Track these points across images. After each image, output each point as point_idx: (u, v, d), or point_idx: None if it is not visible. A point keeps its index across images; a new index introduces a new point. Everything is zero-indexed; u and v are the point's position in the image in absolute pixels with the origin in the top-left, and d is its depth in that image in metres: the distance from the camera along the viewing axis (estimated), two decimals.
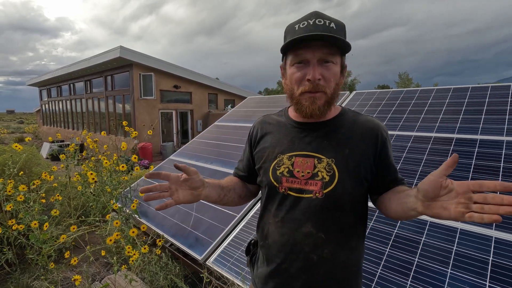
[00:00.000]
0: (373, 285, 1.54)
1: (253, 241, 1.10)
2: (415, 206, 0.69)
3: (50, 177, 2.76)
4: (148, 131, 3.14)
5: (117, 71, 11.26)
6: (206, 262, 2.11)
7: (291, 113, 0.97)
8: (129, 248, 2.18)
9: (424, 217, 1.80)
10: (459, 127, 2.42)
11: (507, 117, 2.33)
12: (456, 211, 0.60)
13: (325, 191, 0.83)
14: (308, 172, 0.85)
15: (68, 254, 2.23)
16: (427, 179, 0.65)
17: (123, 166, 3.14)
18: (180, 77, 12.00)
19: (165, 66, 11.22)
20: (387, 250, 1.69)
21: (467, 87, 2.90)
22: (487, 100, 2.61)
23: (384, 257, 1.66)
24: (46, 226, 2.19)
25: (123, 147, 3.14)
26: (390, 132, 2.69)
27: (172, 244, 2.53)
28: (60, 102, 16.81)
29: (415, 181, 2.06)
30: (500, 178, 1.85)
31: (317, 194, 0.83)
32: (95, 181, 2.66)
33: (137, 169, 3.52)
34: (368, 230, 1.85)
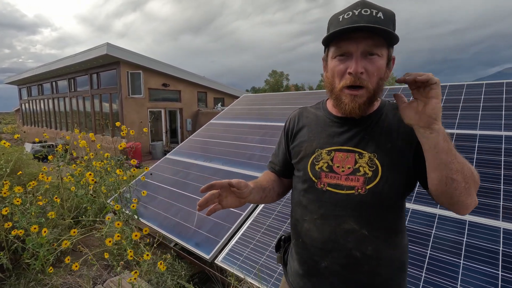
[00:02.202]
0: None
1: (283, 237, 1.08)
2: (423, 133, 0.71)
3: (48, 178, 2.63)
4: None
5: (104, 68, 10.94)
6: (215, 261, 2.08)
7: (330, 106, 0.94)
8: (131, 252, 2.11)
9: (433, 210, 1.84)
10: (458, 122, 2.49)
11: (503, 112, 2.41)
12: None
13: (368, 187, 0.80)
14: (349, 168, 0.83)
15: (68, 260, 2.14)
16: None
17: (120, 170, 3.05)
18: (169, 75, 11.81)
19: (153, 64, 11.00)
20: None
21: (463, 84, 2.99)
22: (482, 96, 2.69)
23: None
24: (45, 231, 2.09)
25: (120, 146, 3.05)
26: None
27: (176, 244, 2.48)
28: (42, 101, 16.17)
29: None
30: (502, 171, 1.92)
31: (359, 190, 0.81)
32: (95, 182, 2.56)
33: (134, 170, 3.42)
34: None
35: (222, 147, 3.65)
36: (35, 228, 2.04)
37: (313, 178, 0.87)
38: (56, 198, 2.56)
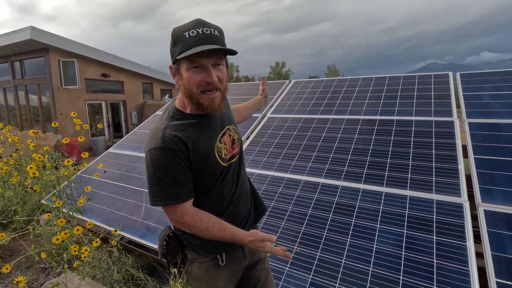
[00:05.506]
0: (321, 246, 1.78)
1: (171, 233, 1.10)
2: None
3: None
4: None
5: (28, 56, 9.68)
6: None
7: (190, 109, 1.01)
8: (75, 247, 2.03)
9: (357, 185, 2.13)
10: (381, 110, 2.86)
11: (414, 101, 2.84)
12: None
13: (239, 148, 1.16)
14: (230, 142, 1.11)
15: None
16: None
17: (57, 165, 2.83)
18: (109, 64, 10.95)
19: (90, 52, 10.07)
20: (330, 216, 1.97)
21: (385, 76, 3.41)
22: (400, 87, 3.12)
23: (328, 222, 1.92)
24: None
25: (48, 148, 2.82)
26: (326, 116, 3.02)
27: (123, 238, 2.43)
28: None
29: (349, 157, 2.39)
30: (411, 150, 2.29)
31: (238, 154, 1.15)
32: (35, 176, 2.34)
33: (65, 173, 3.08)
34: (313, 201, 2.11)
35: None
36: None
37: (222, 163, 1.05)
38: None
